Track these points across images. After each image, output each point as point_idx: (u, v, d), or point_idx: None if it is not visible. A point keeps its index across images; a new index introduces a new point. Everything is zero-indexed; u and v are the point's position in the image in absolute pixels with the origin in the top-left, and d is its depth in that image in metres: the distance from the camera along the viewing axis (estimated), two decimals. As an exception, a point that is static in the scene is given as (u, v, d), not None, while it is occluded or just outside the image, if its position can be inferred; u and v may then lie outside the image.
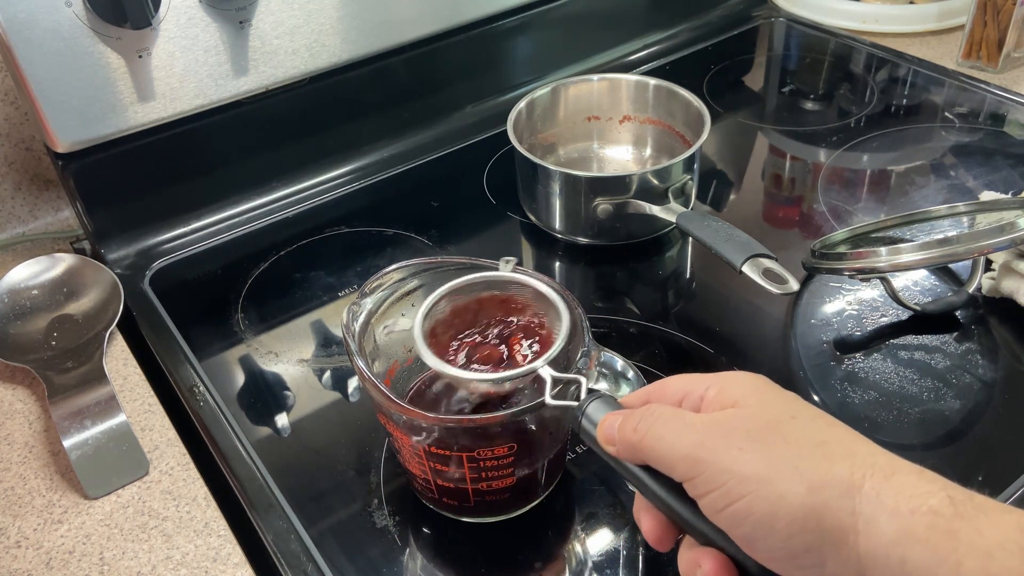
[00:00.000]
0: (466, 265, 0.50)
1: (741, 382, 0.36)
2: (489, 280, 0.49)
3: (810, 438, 0.33)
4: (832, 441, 0.33)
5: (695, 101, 0.73)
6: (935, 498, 0.30)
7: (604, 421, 0.39)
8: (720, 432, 0.34)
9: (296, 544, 0.49)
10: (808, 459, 0.32)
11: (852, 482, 0.31)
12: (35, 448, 0.56)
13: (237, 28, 0.69)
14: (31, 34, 0.61)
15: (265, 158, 0.78)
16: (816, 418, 0.34)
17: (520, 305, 0.49)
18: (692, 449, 0.34)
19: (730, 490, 0.32)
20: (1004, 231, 0.54)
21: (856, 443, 0.33)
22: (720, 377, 0.37)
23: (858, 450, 0.32)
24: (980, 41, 0.91)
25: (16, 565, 0.48)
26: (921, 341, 0.60)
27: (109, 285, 0.66)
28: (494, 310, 0.49)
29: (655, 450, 0.35)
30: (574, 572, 0.47)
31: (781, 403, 0.35)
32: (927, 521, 0.29)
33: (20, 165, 0.76)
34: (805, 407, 0.35)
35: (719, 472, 0.33)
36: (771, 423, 0.33)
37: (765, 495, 0.32)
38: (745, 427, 0.33)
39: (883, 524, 0.30)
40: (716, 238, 0.61)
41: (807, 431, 0.33)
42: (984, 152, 0.80)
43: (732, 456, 0.33)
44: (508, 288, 0.49)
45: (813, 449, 0.32)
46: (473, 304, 0.49)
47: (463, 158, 0.84)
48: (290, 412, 0.58)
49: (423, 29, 0.80)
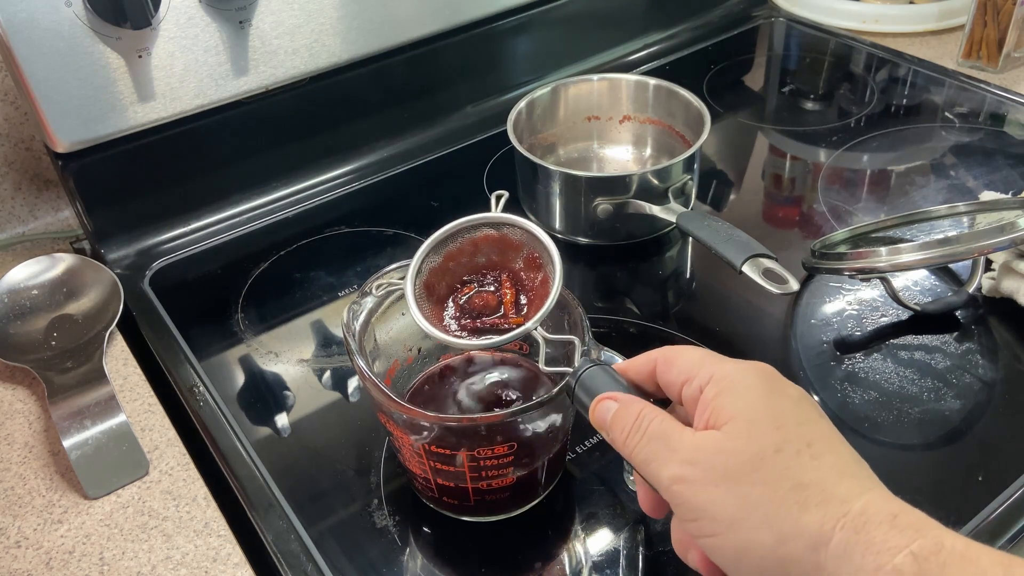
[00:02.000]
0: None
1: (739, 390, 0.35)
2: (481, 221, 0.47)
3: (789, 478, 0.32)
4: (810, 483, 0.32)
5: (695, 101, 0.73)
6: (900, 555, 0.29)
7: (598, 404, 0.39)
8: (700, 466, 0.34)
9: (296, 544, 0.49)
10: (781, 505, 0.32)
11: (821, 535, 0.31)
12: (35, 448, 0.56)
13: (237, 28, 0.69)
14: (31, 34, 0.61)
15: (265, 158, 0.78)
16: (802, 450, 0.33)
17: (515, 244, 0.47)
18: (671, 483, 0.35)
19: (703, 527, 0.34)
20: (1004, 231, 0.54)
21: (837, 481, 0.32)
22: (720, 375, 0.36)
23: (835, 494, 0.32)
24: (980, 41, 0.91)
25: (16, 565, 0.48)
26: (921, 341, 0.60)
27: (109, 285, 0.66)
28: (489, 251, 0.48)
29: (641, 470, 0.37)
30: (574, 572, 0.47)
31: (770, 429, 0.34)
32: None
33: (20, 165, 0.76)
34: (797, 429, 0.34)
35: (694, 508, 0.34)
36: (751, 460, 0.33)
37: (734, 539, 0.33)
38: (724, 464, 0.33)
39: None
40: (716, 238, 0.61)
41: (787, 469, 0.33)
42: (984, 152, 0.80)
43: (707, 494, 0.33)
44: (501, 228, 0.47)
45: (788, 493, 0.32)
46: (468, 246, 0.47)
47: (463, 158, 0.84)
48: (290, 412, 0.58)
49: (423, 29, 0.80)
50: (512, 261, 0.48)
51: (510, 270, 0.47)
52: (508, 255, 0.48)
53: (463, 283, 0.48)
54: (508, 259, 0.48)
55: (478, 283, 0.48)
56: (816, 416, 0.35)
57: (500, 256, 0.48)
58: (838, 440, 0.34)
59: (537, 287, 0.46)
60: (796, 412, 0.35)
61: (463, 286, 0.48)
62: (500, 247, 0.48)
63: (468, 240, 0.47)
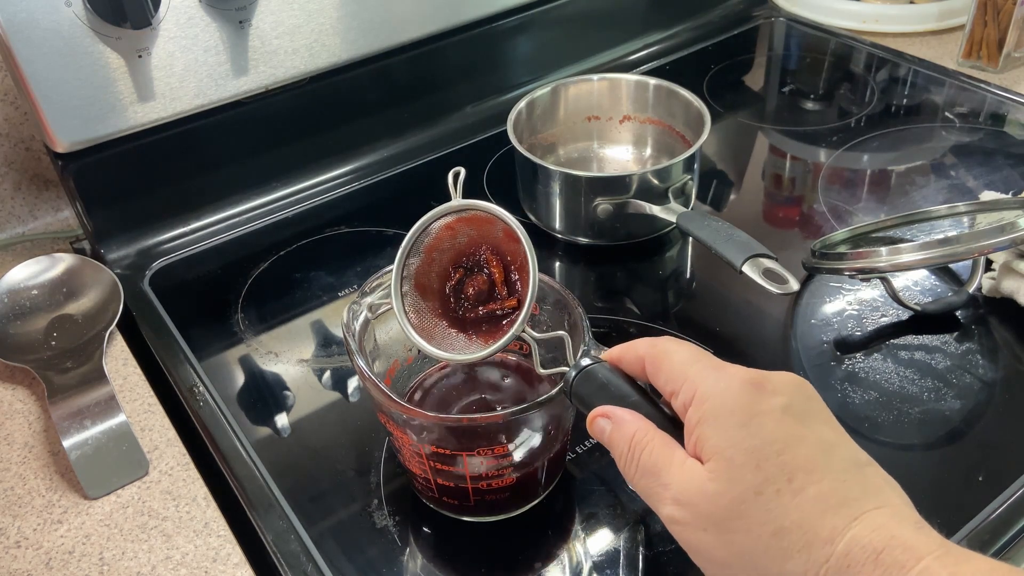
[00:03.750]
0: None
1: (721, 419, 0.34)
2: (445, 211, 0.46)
3: (770, 523, 0.32)
4: (792, 526, 0.32)
5: (695, 101, 0.73)
6: None
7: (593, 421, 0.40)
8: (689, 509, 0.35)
9: (296, 544, 0.49)
10: (764, 554, 0.32)
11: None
12: (35, 448, 0.56)
13: (237, 28, 0.69)
14: (31, 34, 0.61)
15: (265, 158, 0.78)
16: (782, 489, 0.32)
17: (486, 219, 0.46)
18: (667, 522, 0.36)
19: (700, 564, 0.35)
20: (1004, 231, 0.54)
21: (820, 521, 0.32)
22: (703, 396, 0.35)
23: (818, 535, 0.32)
24: (980, 41, 0.91)
25: (16, 565, 0.48)
26: (921, 341, 0.60)
27: (109, 285, 0.66)
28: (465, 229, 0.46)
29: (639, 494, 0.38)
30: (574, 572, 0.47)
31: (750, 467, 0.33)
32: None
33: (20, 165, 0.76)
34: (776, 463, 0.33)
35: (689, 548, 0.35)
36: (733, 504, 0.33)
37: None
38: (709, 510, 0.34)
39: None
40: (716, 238, 0.61)
41: (768, 513, 0.32)
42: (984, 152, 0.80)
43: (698, 538, 0.35)
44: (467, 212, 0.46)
45: (771, 540, 0.32)
46: (444, 232, 0.46)
47: (463, 158, 0.84)
48: (290, 412, 0.58)
49: (423, 29, 0.80)
50: (491, 234, 0.46)
51: (492, 244, 0.46)
52: (484, 229, 0.46)
53: (453, 269, 0.47)
54: (487, 233, 0.46)
55: (466, 267, 0.47)
56: (799, 435, 0.34)
57: (478, 232, 0.46)
58: (822, 461, 0.33)
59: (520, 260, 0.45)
60: (777, 436, 0.34)
61: (454, 271, 0.47)
62: (474, 224, 0.46)
63: (443, 227, 0.46)
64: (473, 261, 0.47)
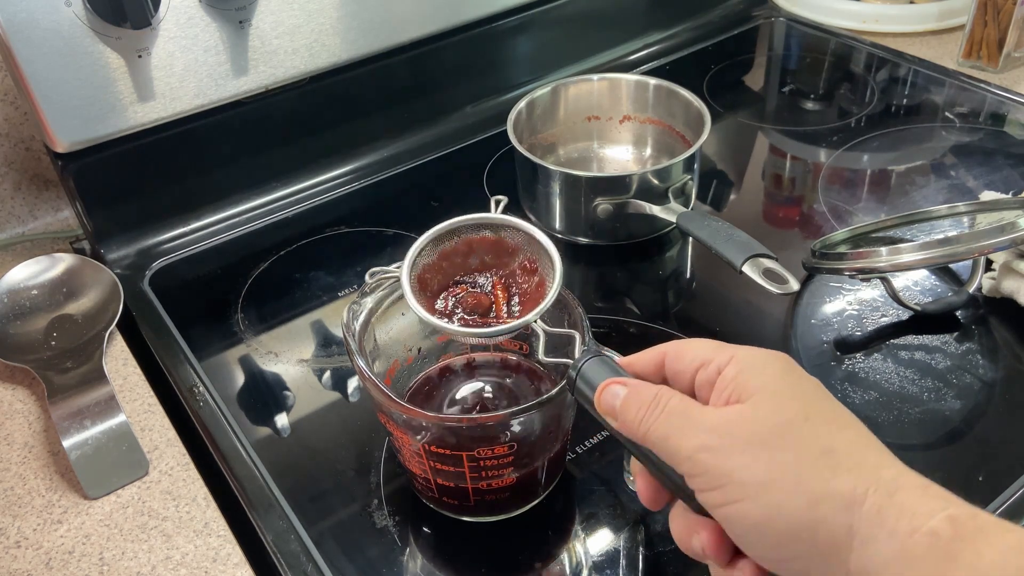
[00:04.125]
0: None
1: (761, 368, 0.35)
2: (479, 223, 0.47)
3: (818, 444, 0.32)
4: (840, 449, 0.32)
5: (695, 101, 0.73)
6: (936, 519, 0.29)
7: (605, 388, 0.38)
8: (726, 435, 0.33)
9: (296, 544, 0.49)
10: (811, 469, 0.31)
11: (853, 497, 0.30)
12: (35, 448, 0.56)
13: (237, 28, 0.69)
14: (31, 34, 0.61)
15: (265, 158, 0.78)
16: (830, 421, 0.33)
17: (511, 249, 0.47)
18: (695, 452, 0.33)
19: (728, 493, 0.32)
20: (1004, 231, 0.54)
21: (866, 451, 0.32)
22: (740, 356, 0.35)
23: (866, 461, 0.32)
24: (980, 41, 0.91)
25: (16, 565, 0.48)
26: (921, 341, 0.60)
27: (109, 285, 0.66)
28: (484, 252, 0.47)
29: (659, 446, 0.35)
30: (574, 572, 0.47)
31: (796, 401, 0.34)
32: (926, 543, 0.29)
33: (20, 165, 0.76)
34: (820, 404, 0.34)
35: (720, 474, 0.33)
36: (780, 426, 0.33)
37: (763, 502, 0.31)
38: (752, 430, 0.33)
39: (880, 543, 0.29)
40: (716, 238, 0.61)
41: (816, 436, 0.32)
42: (984, 152, 0.80)
43: (734, 460, 0.32)
44: (500, 231, 0.47)
45: (818, 458, 0.32)
46: (462, 246, 0.47)
47: (463, 158, 0.84)
48: (290, 412, 0.58)
49: (423, 29, 0.80)
50: (506, 265, 0.47)
51: (503, 273, 0.47)
52: (502, 259, 0.47)
53: (456, 282, 0.48)
54: (502, 263, 0.47)
55: (470, 284, 0.47)
56: (835, 400, 0.35)
57: (494, 259, 0.47)
58: (859, 421, 0.34)
59: (532, 291, 0.46)
60: (818, 392, 0.35)
61: (455, 285, 0.47)
62: (495, 250, 0.47)
63: (464, 240, 0.47)
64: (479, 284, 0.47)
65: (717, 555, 0.35)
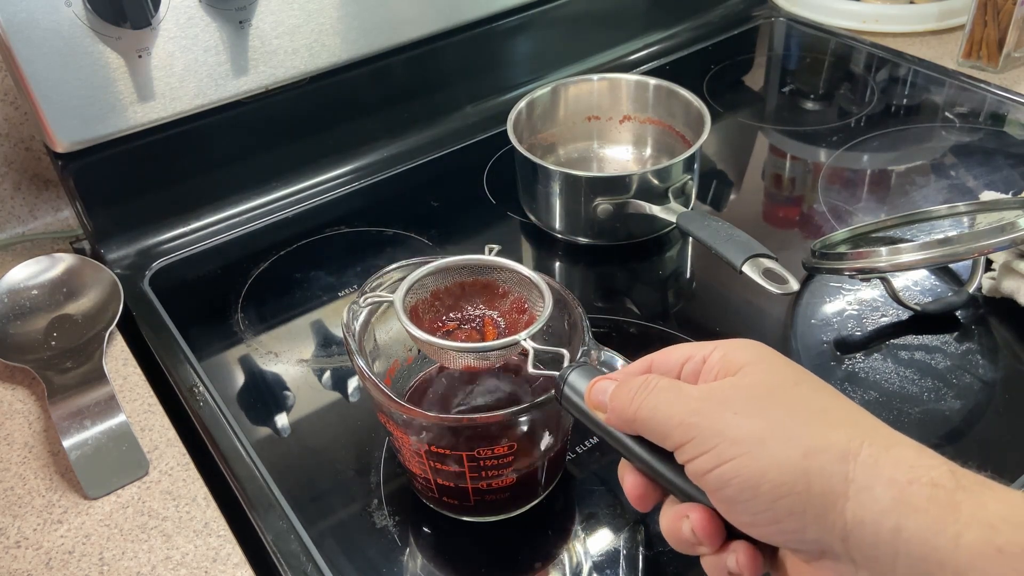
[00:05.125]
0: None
1: (746, 347, 0.35)
2: (472, 264, 0.48)
3: (812, 404, 0.32)
4: (834, 408, 0.32)
5: (695, 101, 0.73)
6: (937, 471, 0.29)
7: (593, 386, 0.38)
8: (718, 399, 0.33)
9: (296, 544, 0.49)
10: (806, 424, 0.31)
11: (849, 448, 0.30)
12: (35, 448, 0.56)
13: (237, 28, 0.69)
14: (31, 34, 0.61)
15: (265, 158, 0.78)
16: (820, 388, 0.33)
17: (502, 292, 0.49)
18: (687, 415, 0.33)
19: (721, 452, 0.32)
20: (1004, 231, 0.54)
21: (859, 413, 0.32)
22: (725, 344, 0.36)
23: (860, 420, 0.32)
24: (980, 41, 0.91)
25: (16, 565, 0.48)
26: (921, 341, 0.60)
27: (109, 285, 0.66)
28: (476, 296, 0.49)
29: (650, 421, 0.35)
30: (574, 572, 0.47)
31: (787, 369, 0.34)
32: (927, 492, 0.28)
33: (20, 165, 0.76)
34: (810, 376, 0.34)
35: (712, 435, 0.32)
36: (772, 388, 0.33)
37: (757, 455, 0.31)
38: (745, 393, 0.33)
39: (878, 492, 0.29)
40: (716, 238, 0.61)
41: (810, 398, 0.32)
42: (984, 152, 0.80)
43: (727, 420, 0.32)
44: (491, 274, 0.49)
45: (813, 415, 0.31)
46: (455, 288, 0.49)
47: (463, 158, 0.84)
48: (290, 412, 0.58)
49: (423, 29, 0.80)
50: (497, 306, 0.49)
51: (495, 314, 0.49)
52: (494, 302, 0.49)
53: (446, 320, 0.49)
54: (493, 305, 0.49)
55: (460, 323, 0.49)
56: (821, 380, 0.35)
57: (486, 301, 0.49)
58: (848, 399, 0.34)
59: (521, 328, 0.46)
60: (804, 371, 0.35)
61: (445, 323, 0.49)
62: (487, 294, 0.49)
63: (456, 283, 0.49)
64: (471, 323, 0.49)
65: (708, 537, 0.34)
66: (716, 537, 0.34)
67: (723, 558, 0.34)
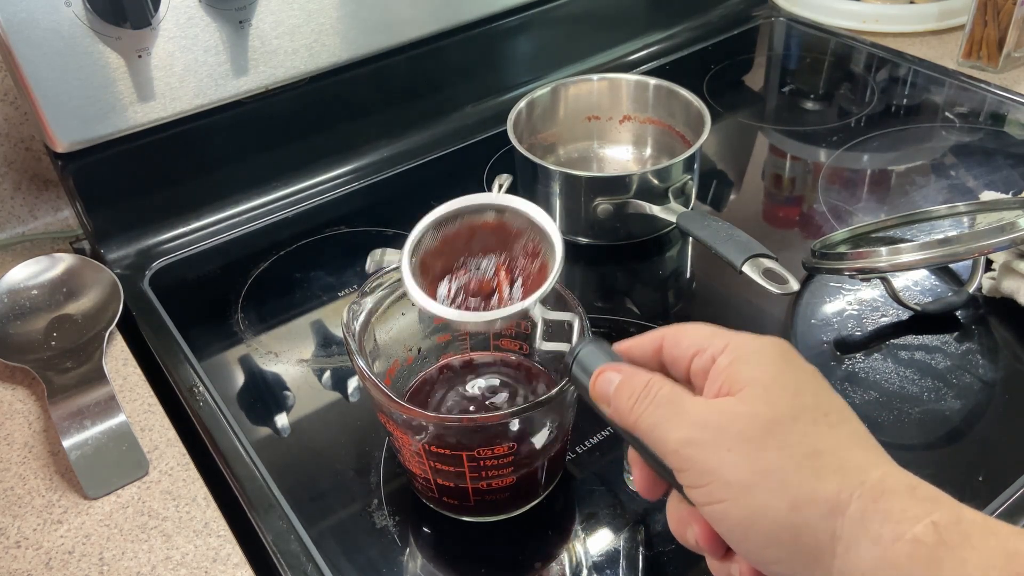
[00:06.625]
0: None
1: (756, 359, 0.34)
2: (481, 204, 0.46)
3: (806, 445, 0.32)
4: (827, 450, 0.32)
5: (695, 101, 0.73)
6: (920, 525, 0.29)
7: (600, 374, 0.38)
8: (713, 429, 0.33)
9: (296, 544, 0.49)
10: (796, 472, 0.31)
11: (838, 502, 0.30)
12: (35, 448, 0.56)
13: (237, 28, 0.69)
14: (31, 34, 0.61)
15: (265, 158, 0.78)
16: (819, 419, 0.32)
17: (514, 231, 0.46)
18: (681, 446, 0.33)
19: (712, 492, 0.32)
20: (1004, 231, 0.54)
21: (854, 450, 0.32)
22: (735, 344, 0.35)
23: (852, 463, 0.31)
24: (980, 41, 0.91)
25: (16, 565, 0.48)
26: (921, 341, 0.60)
27: (109, 285, 0.66)
28: (487, 237, 0.47)
29: (647, 436, 0.35)
30: (574, 572, 0.47)
31: (787, 395, 0.33)
32: (908, 550, 0.29)
33: (20, 165, 0.76)
34: (812, 399, 0.33)
35: (705, 472, 0.32)
36: (768, 424, 0.32)
37: (745, 503, 0.31)
38: (739, 427, 0.32)
39: (863, 550, 0.29)
40: (716, 238, 0.61)
41: (805, 436, 0.32)
42: (984, 152, 0.80)
43: (719, 457, 0.32)
44: (502, 214, 0.46)
45: (804, 460, 0.31)
46: (464, 231, 0.47)
47: (463, 158, 0.84)
48: (290, 412, 0.58)
49: (423, 29, 0.80)
50: (509, 249, 0.47)
51: (506, 257, 0.47)
52: (506, 243, 0.47)
53: (458, 267, 0.47)
54: (505, 247, 0.47)
55: (474, 268, 0.47)
56: (832, 390, 0.34)
57: (497, 244, 0.47)
58: (854, 414, 0.34)
59: (535, 275, 0.45)
60: (813, 383, 0.34)
61: (458, 269, 0.47)
62: (498, 235, 0.47)
63: (466, 224, 0.46)
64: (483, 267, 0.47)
65: (711, 548, 0.35)
66: (718, 548, 0.34)
67: (727, 566, 0.34)
